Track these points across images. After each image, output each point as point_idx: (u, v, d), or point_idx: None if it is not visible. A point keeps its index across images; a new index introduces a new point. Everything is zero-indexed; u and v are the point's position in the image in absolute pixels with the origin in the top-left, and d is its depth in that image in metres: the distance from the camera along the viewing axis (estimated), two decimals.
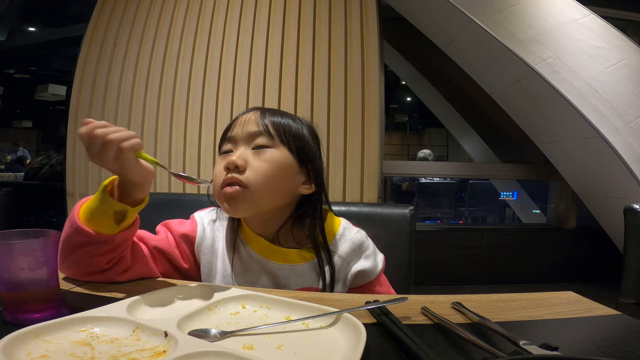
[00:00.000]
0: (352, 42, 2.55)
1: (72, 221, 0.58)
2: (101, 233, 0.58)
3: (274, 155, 0.68)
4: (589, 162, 2.43)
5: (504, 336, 0.43)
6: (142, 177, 0.58)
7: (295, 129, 0.72)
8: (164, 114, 2.51)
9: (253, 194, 0.66)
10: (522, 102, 2.62)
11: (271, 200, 0.68)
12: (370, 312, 0.52)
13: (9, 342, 0.37)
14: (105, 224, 0.58)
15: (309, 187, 0.72)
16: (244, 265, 0.71)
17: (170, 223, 0.74)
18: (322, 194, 0.74)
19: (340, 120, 2.47)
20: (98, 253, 0.59)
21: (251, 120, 0.70)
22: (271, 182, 0.66)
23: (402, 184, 5.44)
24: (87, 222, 0.58)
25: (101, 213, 0.58)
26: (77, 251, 0.59)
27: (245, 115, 0.72)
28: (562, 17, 2.49)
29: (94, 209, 0.58)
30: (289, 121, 0.72)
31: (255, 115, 0.71)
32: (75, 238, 0.58)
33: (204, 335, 0.42)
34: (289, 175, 0.69)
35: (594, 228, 2.72)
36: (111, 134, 0.54)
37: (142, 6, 2.65)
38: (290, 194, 0.70)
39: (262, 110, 0.72)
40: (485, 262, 3.04)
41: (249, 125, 0.69)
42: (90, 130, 0.54)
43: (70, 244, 0.59)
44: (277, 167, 0.67)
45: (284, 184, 0.69)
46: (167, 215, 0.77)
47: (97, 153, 0.54)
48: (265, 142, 0.68)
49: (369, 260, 0.74)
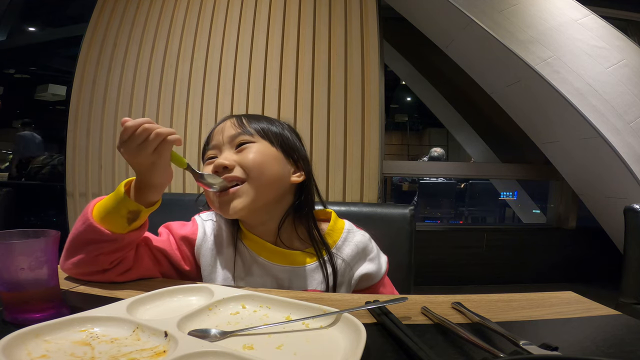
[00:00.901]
0: (352, 42, 2.55)
1: (85, 218, 0.60)
2: (112, 232, 0.59)
3: (259, 147, 0.69)
4: (589, 162, 2.43)
5: (504, 336, 0.43)
6: (164, 178, 0.61)
7: (274, 128, 0.73)
8: (164, 114, 2.51)
9: (251, 184, 0.67)
10: (522, 102, 2.62)
11: (268, 189, 0.68)
12: (370, 312, 0.52)
13: (9, 342, 0.37)
14: (117, 223, 0.60)
15: (299, 175, 0.72)
16: (246, 268, 0.71)
17: (172, 225, 0.74)
18: (312, 181, 0.74)
19: (340, 120, 2.47)
20: (105, 251, 0.60)
21: (228, 126, 0.72)
22: (264, 168, 0.67)
23: (402, 184, 5.44)
24: (101, 221, 0.60)
25: (115, 212, 0.60)
26: (85, 248, 0.60)
27: (222, 124, 0.73)
28: (562, 17, 2.49)
29: (109, 208, 0.60)
30: (266, 123, 0.73)
31: (232, 120, 0.72)
32: (86, 235, 0.59)
33: (204, 335, 0.42)
34: (277, 162, 0.70)
35: (594, 228, 2.72)
36: (158, 128, 0.57)
37: (142, 6, 2.65)
38: (283, 183, 0.71)
39: (237, 116, 0.74)
40: (485, 262, 3.04)
41: (227, 130, 0.71)
42: (139, 123, 0.56)
43: (79, 241, 0.60)
44: (264, 155, 0.68)
45: (275, 171, 0.69)
46: (167, 214, 0.77)
47: (137, 146, 0.56)
48: (247, 139, 0.69)
49: (373, 263, 0.74)
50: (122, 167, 2.52)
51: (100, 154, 2.55)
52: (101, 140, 2.55)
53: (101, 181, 2.54)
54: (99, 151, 2.55)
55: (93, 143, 2.56)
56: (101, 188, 2.53)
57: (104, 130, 2.55)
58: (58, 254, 0.51)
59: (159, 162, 0.59)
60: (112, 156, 2.53)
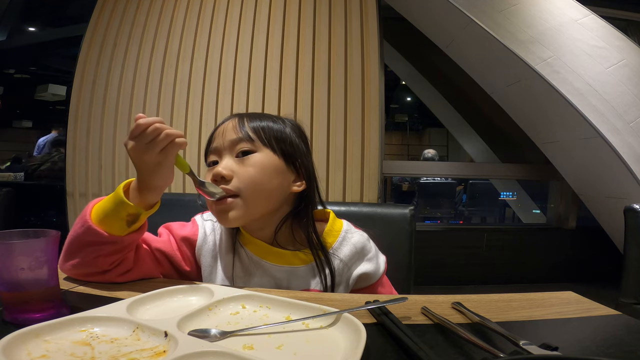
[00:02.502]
0: (352, 42, 2.55)
1: (83, 220, 0.60)
2: (111, 234, 0.59)
3: (258, 159, 0.67)
4: (589, 162, 2.43)
5: (504, 336, 0.43)
6: (166, 180, 0.61)
7: (277, 129, 0.71)
8: (164, 114, 2.50)
9: (245, 201, 0.66)
10: (522, 102, 2.62)
11: (263, 204, 0.68)
12: (370, 312, 0.52)
13: (9, 342, 0.37)
14: (116, 225, 0.59)
15: (300, 184, 0.71)
16: (245, 268, 0.71)
17: (172, 226, 0.74)
18: (313, 189, 0.73)
19: (340, 120, 2.47)
20: (104, 253, 0.60)
21: (229, 128, 0.70)
22: (260, 186, 0.66)
23: (402, 184, 5.44)
24: (99, 223, 0.59)
25: (114, 214, 0.59)
26: (84, 250, 0.60)
27: (224, 125, 0.71)
28: (562, 17, 2.49)
29: (108, 210, 0.59)
30: (268, 123, 0.71)
31: (234, 122, 0.70)
32: (85, 237, 0.59)
33: (204, 335, 0.42)
34: (277, 175, 0.68)
35: (594, 228, 2.72)
36: (168, 129, 0.58)
37: (142, 6, 2.65)
38: (282, 194, 0.70)
39: (240, 116, 0.72)
40: (485, 262, 3.04)
41: (228, 133, 0.69)
42: (151, 122, 0.56)
43: (78, 243, 0.60)
44: (263, 170, 0.67)
45: (274, 186, 0.68)
46: (167, 214, 0.77)
47: (146, 144, 0.56)
48: (248, 147, 0.68)
49: (371, 263, 0.73)
50: (122, 167, 2.52)
51: (100, 154, 2.55)
52: (101, 140, 2.55)
53: (101, 181, 2.54)
54: (99, 151, 2.55)
55: (93, 143, 2.56)
56: (101, 188, 2.53)
57: (104, 130, 2.55)
58: (58, 254, 0.51)
59: (164, 163, 0.59)
60: (112, 156, 2.53)
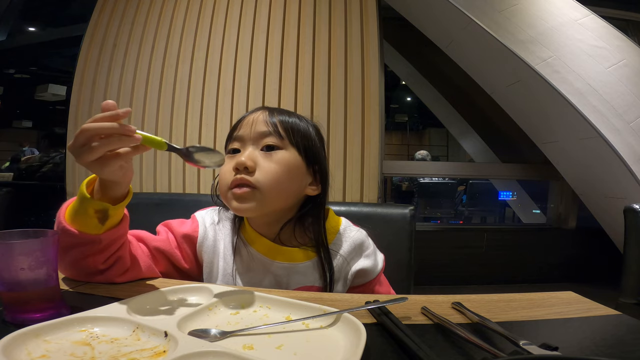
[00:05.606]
0: (352, 42, 2.55)
1: (58, 221, 0.57)
2: (86, 233, 0.56)
3: (284, 157, 0.67)
4: (589, 162, 2.43)
5: (504, 336, 0.43)
6: (118, 177, 0.55)
7: (303, 129, 0.71)
8: (164, 114, 2.51)
9: (263, 195, 0.65)
10: (522, 102, 2.62)
11: (279, 201, 0.68)
12: (370, 312, 0.52)
13: (9, 342, 0.37)
14: (89, 224, 0.56)
15: (315, 189, 0.72)
16: (246, 264, 0.71)
17: (171, 223, 0.74)
18: (326, 194, 0.74)
19: (340, 120, 2.47)
20: (89, 254, 0.58)
21: (260, 119, 0.69)
22: (281, 184, 0.66)
23: (402, 184, 5.44)
24: (72, 222, 0.57)
25: (82, 212, 0.56)
26: (69, 252, 0.58)
27: (253, 115, 0.71)
28: (562, 17, 2.49)
29: (77, 209, 0.56)
30: (296, 121, 0.71)
31: (264, 114, 0.70)
32: (65, 238, 0.57)
33: (204, 335, 0.42)
34: (298, 177, 0.69)
35: (594, 228, 2.72)
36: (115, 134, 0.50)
37: (142, 6, 2.65)
38: (298, 195, 0.71)
39: (270, 110, 0.71)
40: (485, 262, 3.04)
41: (257, 124, 0.69)
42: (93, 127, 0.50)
43: (62, 244, 0.57)
44: (287, 168, 0.67)
45: (293, 186, 0.69)
46: (167, 215, 0.77)
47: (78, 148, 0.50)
48: (275, 143, 0.68)
49: (369, 259, 0.74)
50: None
51: None
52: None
53: None
54: None
55: None
56: None
57: None
58: (57, 254, 0.51)
59: (101, 174, 0.54)
60: None
